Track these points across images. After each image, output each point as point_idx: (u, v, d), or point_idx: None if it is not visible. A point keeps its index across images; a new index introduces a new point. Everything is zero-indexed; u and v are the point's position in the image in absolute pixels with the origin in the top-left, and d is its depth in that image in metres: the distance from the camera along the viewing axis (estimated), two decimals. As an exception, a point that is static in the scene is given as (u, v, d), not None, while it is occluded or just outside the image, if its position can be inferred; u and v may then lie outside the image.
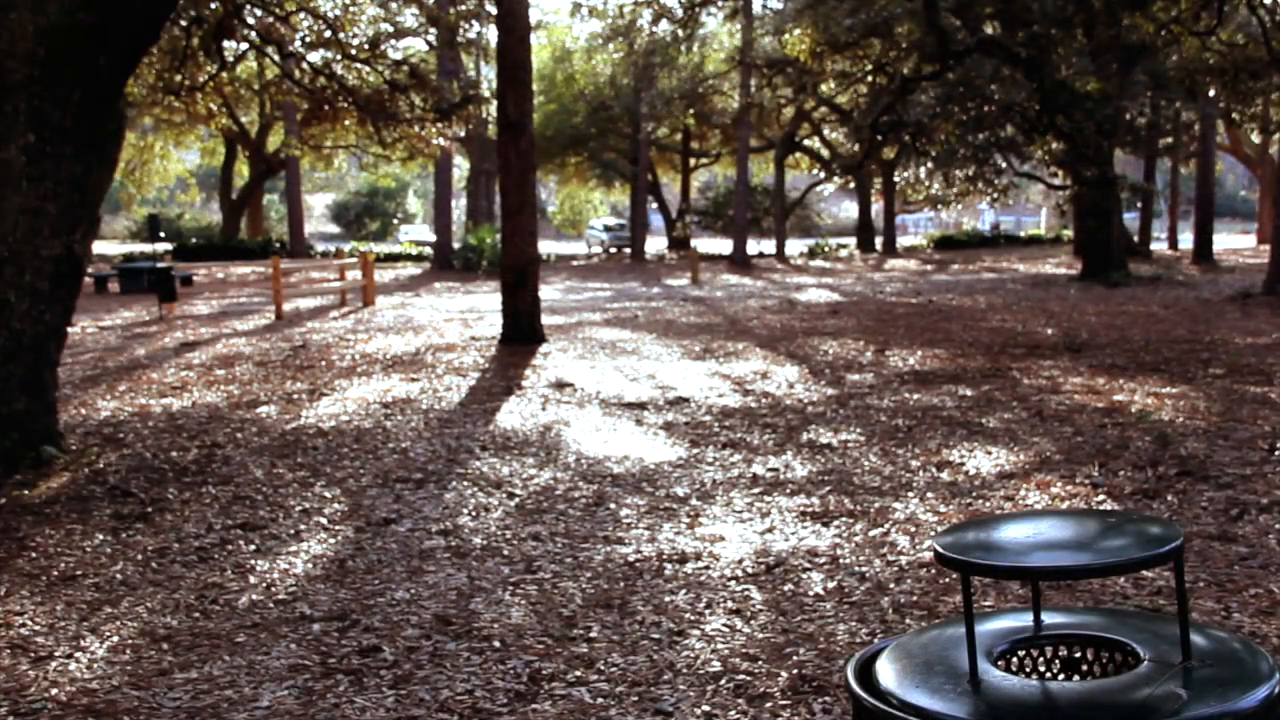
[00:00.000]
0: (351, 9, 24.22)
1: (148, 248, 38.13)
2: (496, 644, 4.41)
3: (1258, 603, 4.65)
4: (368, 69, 23.49)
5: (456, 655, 4.31)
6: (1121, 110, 21.89)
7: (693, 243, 44.86)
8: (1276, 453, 7.25)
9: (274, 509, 6.48)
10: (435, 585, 5.12)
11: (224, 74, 23.69)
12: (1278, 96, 20.50)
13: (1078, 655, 2.77)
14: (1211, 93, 25.15)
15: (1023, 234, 50.69)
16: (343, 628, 4.59)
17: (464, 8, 27.66)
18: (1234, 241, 44.35)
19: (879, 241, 45.08)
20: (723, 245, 44.65)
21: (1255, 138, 40.85)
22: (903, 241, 49.35)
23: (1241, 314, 16.34)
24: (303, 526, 6.13)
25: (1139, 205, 37.52)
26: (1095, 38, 20.77)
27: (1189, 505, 6.15)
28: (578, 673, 4.12)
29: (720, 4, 35.72)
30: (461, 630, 4.56)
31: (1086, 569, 2.73)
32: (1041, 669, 2.79)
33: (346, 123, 25.89)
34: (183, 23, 17.90)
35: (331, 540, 5.86)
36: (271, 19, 20.26)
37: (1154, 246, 37.52)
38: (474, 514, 6.34)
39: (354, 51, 23.13)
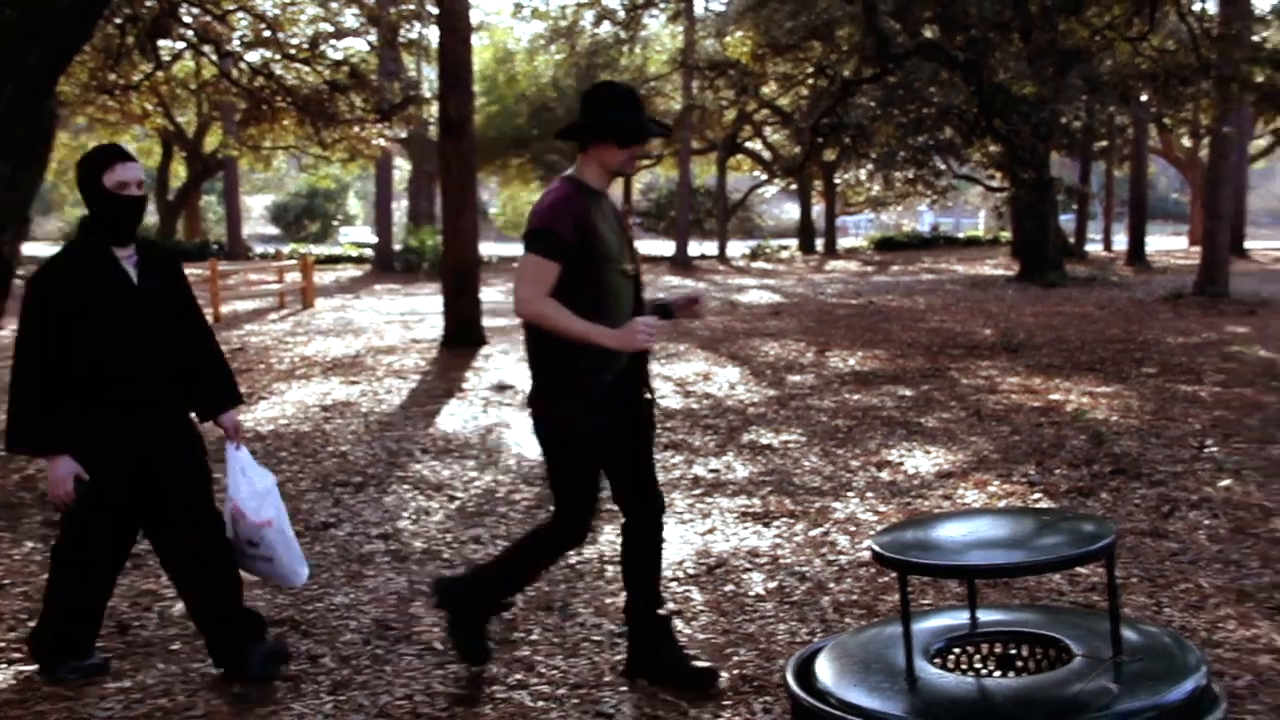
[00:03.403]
0: (291, 8, 23.99)
1: (81, 249, 37.46)
2: (438, 647, 4.38)
3: (1187, 597, 4.73)
4: (307, 69, 23.27)
5: (397, 660, 4.28)
6: (1057, 114, 22.20)
7: (635, 244, 44.81)
8: (1206, 450, 7.39)
9: (211, 514, 6.39)
10: (375, 590, 5.07)
11: (159, 73, 23.32)
12: (1206, 102, 20.89)
13: (1013, 652, 2.81)
14: (1144, 97, 25.59)
15: (961, 235, 51.21)
16: (280, 634, 4.53)
17: (405, 8, 27.44)
18: (1166, 243, 45.12)
19: (820, 243, 45.36)
20: (665, 247, 44.66)
21: (1186, 142, 41.59)
22: (844, 243, 49.71)
23: (1173, 314, 16.63)
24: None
25: (1074, 207, 38.08)
26: (1032, 42, 21.05)
27: (1122, 502, 6.25)
28: (518, 676, 4.10)
29: (662, 6, 35.77)
30: (401, 635, 4.53)
31: (1020, 567, 2.77)
32: (977, 666, 2.82)
33: (286, 123, 25.60)
34: (117, 20, 17.63)
35: (269, 545, 5.78)
36: (208, 18, 20.00)
37: (1089, 248, 38.07)
38: (414, 517, 6.30)
39: (293, 51, 22.91)
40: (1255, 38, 19.21)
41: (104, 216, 3.89)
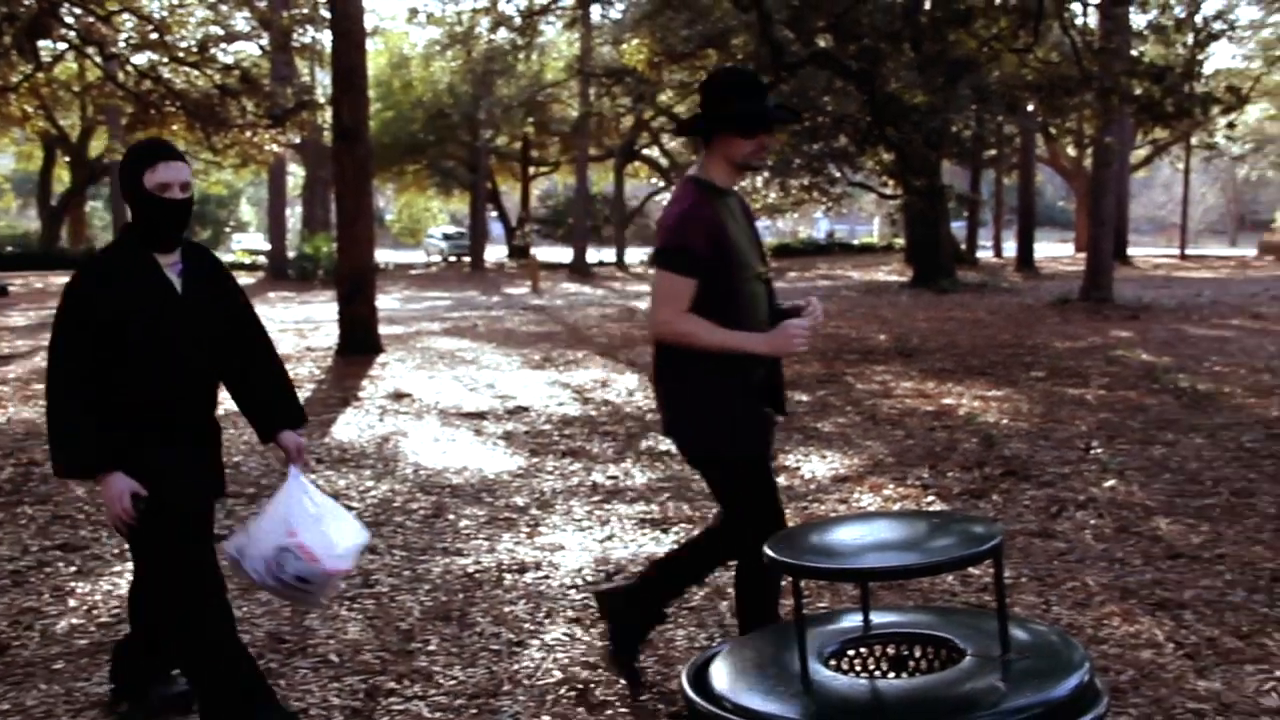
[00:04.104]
0: (179, 10, 23.51)
1: (-41, 256, 36.27)
2: (333, 659, 4.32)
3: (1074, 595, 4.85)
4: (197, 72, 22.82)
5: (291, 673, 4.20)
6: (948, 122, 22.66)
7: (533, 251, 44.73)
8: (1092, 451, 7.60)
9: (96, 528, 6.22)
10: (269, 602, 4.97)
11: (40, 74, 22.67)
12: (1089, 112, 21.53)
13: (905, 653, 2.86)
14: (1030, 107, 26.25)
15: (856, 242, 52.10)
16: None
17: (298, 12, 27.07)
18: (1053, 250, 46.35)
19: (718, 250, 45.71)
20: (563, 254, 44.70)
21: (1071, 151, 42.80)
22: (741, 250, 50.07)
23: (1060, 319, 17.09)
24: (127, 546, 5.89)
25: (965, 214, 38.94)
26: (922, 52, 21.45)
27: (1012, 504, 6.39)
28: (416, 687, 4.06)
29: (559, 12, 35.78)
30: (296, 648, 4.45)
31: (909, 569, 2.82)
32: (871, 667, 2.86)
33: (175, 127, 25.04)
34: (-6, 20, 17.10)
35: (158, 560, 5.64)
36: (91, 19, 19.48)
37: (980, 254, 38.97)
38: (309, 529, 6.18)
39: (182, 54, 22.45)
40: (1134, 52, 19.83)
41: (143, 220, 3.47)
